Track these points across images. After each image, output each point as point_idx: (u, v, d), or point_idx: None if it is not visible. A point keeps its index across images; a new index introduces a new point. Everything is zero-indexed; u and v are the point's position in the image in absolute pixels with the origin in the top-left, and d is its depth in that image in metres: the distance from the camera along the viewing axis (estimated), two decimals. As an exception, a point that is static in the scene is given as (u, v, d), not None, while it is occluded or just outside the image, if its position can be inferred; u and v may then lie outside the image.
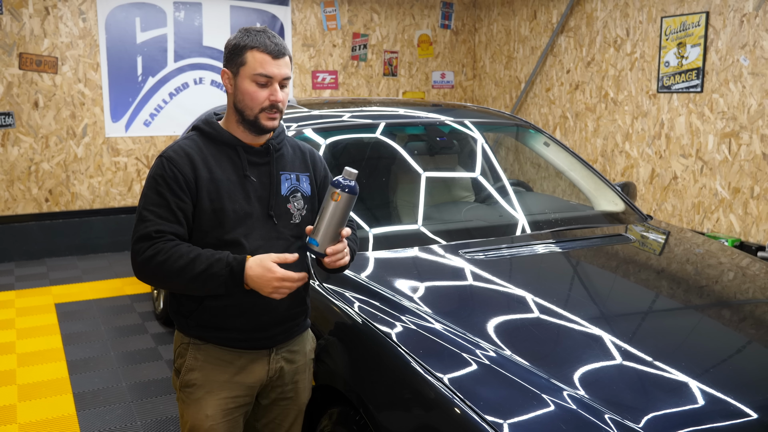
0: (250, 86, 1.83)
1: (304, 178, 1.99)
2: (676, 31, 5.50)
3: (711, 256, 2.81)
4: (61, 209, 6.34)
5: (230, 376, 1.91)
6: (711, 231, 5.37)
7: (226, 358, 1.91)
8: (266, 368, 1.95)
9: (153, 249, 1.75)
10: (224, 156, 1.88)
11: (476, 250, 2.64)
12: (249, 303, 1.88)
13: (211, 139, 1.90)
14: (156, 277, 1.78)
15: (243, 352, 1.92)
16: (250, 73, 1.82)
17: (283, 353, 1.98)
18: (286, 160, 1.97)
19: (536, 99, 7.15)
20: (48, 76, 6.13)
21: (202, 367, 1.91)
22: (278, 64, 1.82)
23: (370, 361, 2.03)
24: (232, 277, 1.74)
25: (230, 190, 1.85)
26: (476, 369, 1.83)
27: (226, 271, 1.73)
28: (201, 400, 1.90)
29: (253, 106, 1.84)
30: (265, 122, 1.85)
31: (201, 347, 1.92)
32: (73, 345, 4.22)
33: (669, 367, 1.84)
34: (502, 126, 3.69)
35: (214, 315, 1.88)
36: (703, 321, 2.24)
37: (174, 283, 1.76)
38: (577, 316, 2.11)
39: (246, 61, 1.82)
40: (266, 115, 1.85)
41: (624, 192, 3.47)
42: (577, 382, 1.76)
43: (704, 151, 5.38)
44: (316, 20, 7.21)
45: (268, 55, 1.81)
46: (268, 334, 1.93)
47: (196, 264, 1.73)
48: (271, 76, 1.82)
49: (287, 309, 1.95)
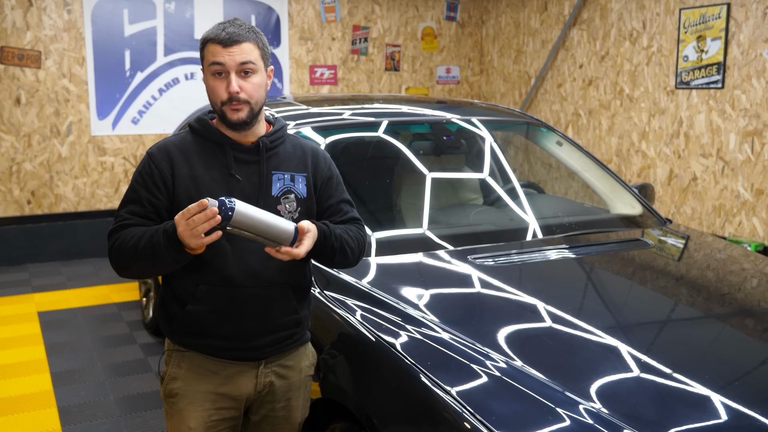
0: (210, 80, 1.89)
1: (300, 179, 1.98)
2: (696, 24, 5.52)
3: (733, 261, 2.82)
4: (44, 212, 6.35)
5: (214, 387, 1.92)
6: (733, 235, 5.38)
7: (210, 367, 1.93)
8: (254, 382, 1.95)
9: (115, 237, 1.86)
10: (212, 154, 1.91)
11: (485, 255, 2.65)
12: (232, 309, 1.89)
13: (201, 137, 1.94)
14: (120, 264, 1.86)
15: (228, 362, 1.93)
16: (206, 65, 1.88)
17: (273, 367, 1.98)
18: (280, 159, 1.97)
19: (547, 95, 7.17)
20: (31, 71, 6.15)
21: (185, 376, 1.93)
22: (230, 52, 1.85)
23: (373, 373, 2.04)
24: (169, 241, 1.74)
25: (212, 188, 1.87)
26: (487, 381, 1.83)
27: (163, 238, 1.75)
28: (183, 410, 1.92)
29: (215, 100, 1.89)
30: (230, 115, 1.87)
31: (185, 355, 1.94)
32: (57, 356, 4.22)
33: (690, 379, 1.85)
34: (512, 124, 3.70)
35: (197, 320, 1.90)
36: (725, 331, 2.25)
37: (134, 265, 1.82)
38: (593, 326, 2.12)
39: (205, 54, 1.89)
40: (229, 107, 1.87)
41: (641, 194, 3.48)
42: (593, 396, 1.77)
43: (725, 151, 5.39)
44: (314, 12, 7.23)
45: (218, 45, 1.86)
46: (255, 344, 1.93)
47: (142, 240, 1.79)
48: (221, 63, 1.85)
49: (275, 317, 1.94)
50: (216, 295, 1.89)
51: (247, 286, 1.89)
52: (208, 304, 1.89)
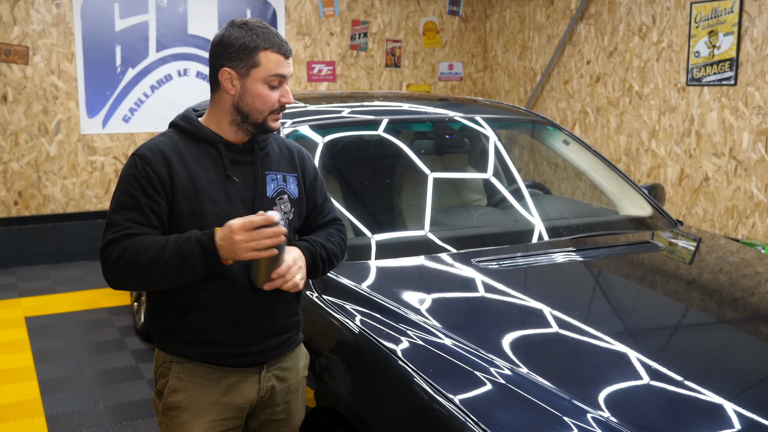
0: (262, 89, 1.88)
1: (291, 179, 2.01)
2: (707, 18, 5.52)
3: (746, 265, 2.82)
4: (31, 213, 6.35)
5: (217, 396, 1.92)
6: (746, 237, 5.38)
7: (212, 377, 1.92)
8: (256, 387, 1.96)
9: (120, 249, 1.78)
10: (204, 154, 1.90)
11: (489, 258, 2.65)
12: (238, 314, 1.89)
13: (190, 137, 1.93)
14: (129, 277, 1.80)
15: (231, 370, 1.93)
16: (264, 75, 1.87)
17: (274, 371, 1.99)
18: (272, 159, 1.99)
19: (553, 92, 7.17)
20: (18, 67, 6.15)
21: (186, 387, 1.92)
22: (289, 64, 1.91)
23: (373, 381, 2.04)
24: (204, 252, 1.73)
25: (210, 191, 1.87)
26: (491, 389, 1.83)
27: (197, 247, 1.74)
28: (186, 423, 1.91)
29: (264, 109, 1.90)
30: (272, 123, 1.93)
31: (185, 366, 1.92)
32: (45, 363, 4.22)
33: (702, 387, 1.85)
34: (517, 122, 3.70)
35: (200, 329, 1.89)
36: (738, 337, 2.25)
37: (148, 278, 1.78)
38: (601, 332, 2.12)
39: (260, 62, 1.87)
40: (274, 116, 1.93)
41: (651, 195, 3.48)
42: (602, 404, 1.77)
43: (738, 150, 5.39)
44: (311, 6, 7.23)
45: (282, 56, 1.88)
46: (259, 348, 1.94)
47: (165, 250, 1.75)
48: (284, 75, 1.90)
49: (280, 319, 1.96)
50: (219, 301, 1.88)
51: (250, 290, 1.89)
52: (212, 310, 1.88)
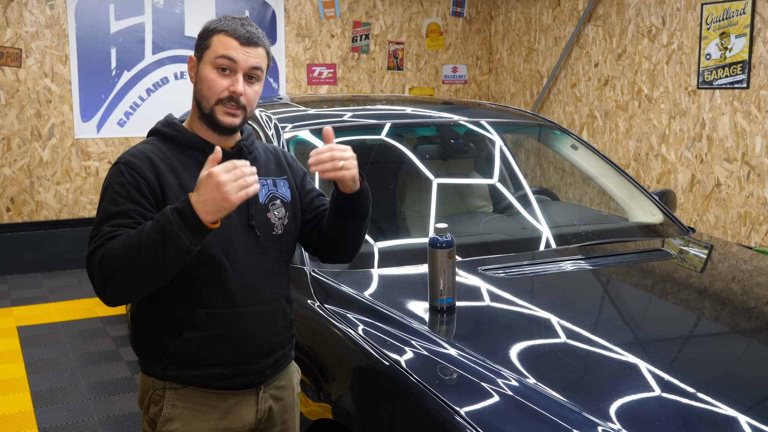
0: (210, 72, 1.83)
1: (282, 182, 1.99)
2: (719, 20, 5.53)
3: (760, 273, 2.82)
4: (24, 220, 6.36)
5: (215, 422, 1.88)
6: (759, 245, 5.38)
7: (209, 402, 1.88)
8: (254, 409, 1.93)
9: (101, 251, 1.70)
10: (191, 161, 1.86)
11: (495, 267, 2.65)
12: (235, 331, 1.86)
13: (175, 143, 1.89)
14: (116, 276, 1.68)
15: (228, 393, 1.89)
16: (212, 57, 1.83)
17: (271, 390, 1.97)
18: (259, 163, 1.96)
19: (560, 96, 7.18)
20: (10, 69, 6.17)
21: (182, 415, 1.87)
22: (246, 51, 1.82)
23: (376, 392, 2.04)
24: (182, 216, 1.63)
25: None
26: (498, 401, 1.83)
27: (174, 215, 1.63)
28: None
29: (210, 96, 1.83)
30: (221, 116, 1.83)
31: (180, 392, 1.87)
32: (37, 374, 4.22)
33: (715, 399, 1.85)
34: (523, 126, 3.71)
35: (196, 349, 1.84)
36: (752, 347, 2.25)
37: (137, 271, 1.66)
38: (611, 342, 2.12)
39: (211, 44, 1.83)
40: (223, 108, 1.83)
41: (661, 201, 3.49)
42: (612, 416, 1.77)
43: (751, 155, 5.39)
44: (312, 7, 7.25)
45: (235, 40, 1.82)
46: (257, 367, 1.90)
47: (143, 231, 1.66)
48: (234, 60, 1.81)
49: (276, 334, 1.94)
50: (217, 319, 1.84)
51: (249, 305, 1.87)
52: (209, 329, 1.83)
